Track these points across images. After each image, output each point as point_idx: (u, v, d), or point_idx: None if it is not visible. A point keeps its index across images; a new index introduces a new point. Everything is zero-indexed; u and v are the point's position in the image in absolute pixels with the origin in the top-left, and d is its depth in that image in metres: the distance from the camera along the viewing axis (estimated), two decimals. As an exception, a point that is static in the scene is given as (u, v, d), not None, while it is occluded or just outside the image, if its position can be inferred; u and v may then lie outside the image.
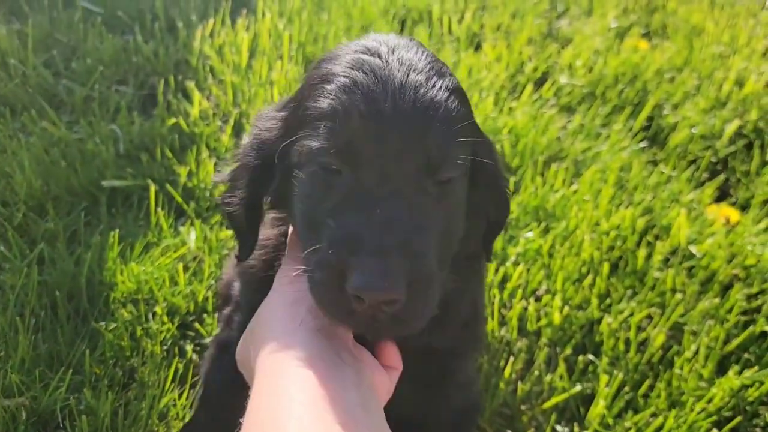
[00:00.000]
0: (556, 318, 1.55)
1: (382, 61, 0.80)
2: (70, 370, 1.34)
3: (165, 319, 1.47)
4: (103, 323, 1.43)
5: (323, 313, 0.77)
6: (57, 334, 1.41)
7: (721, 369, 1.53)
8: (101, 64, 2.19)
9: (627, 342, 1.53)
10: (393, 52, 0.81)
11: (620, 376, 1.44)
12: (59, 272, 1.52)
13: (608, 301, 1.62)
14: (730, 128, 2.18)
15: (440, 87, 0.79)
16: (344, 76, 0.79)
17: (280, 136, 0.88)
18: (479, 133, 0.90)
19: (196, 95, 2.05)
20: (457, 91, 0.82)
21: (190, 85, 2.12)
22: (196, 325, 1.50)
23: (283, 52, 2.30)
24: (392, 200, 0.74)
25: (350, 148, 0.76)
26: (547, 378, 1.47)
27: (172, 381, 1.38)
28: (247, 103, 2.07)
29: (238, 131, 2.01)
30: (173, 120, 1.99)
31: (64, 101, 2.09)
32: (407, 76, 0.78)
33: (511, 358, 1.48)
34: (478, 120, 2.05)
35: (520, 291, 1.61)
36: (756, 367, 1.50)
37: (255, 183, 0.89)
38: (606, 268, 1.63)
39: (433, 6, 2.72)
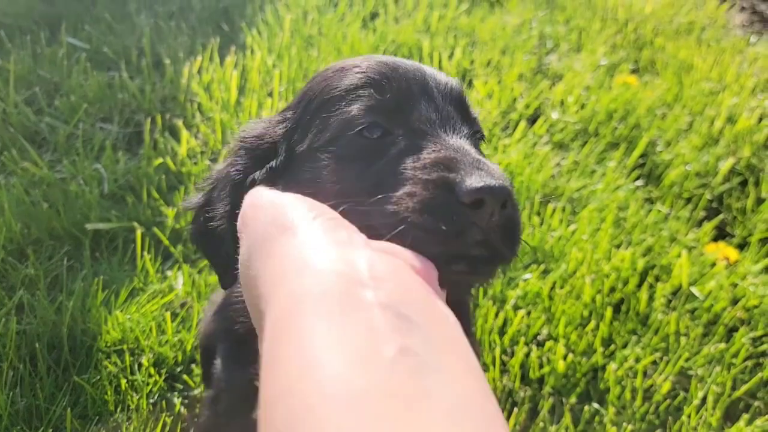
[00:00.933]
0: (560, 365, 1.49)
1: (401, 63, 0.79)
2: (51, 428, 1.26)
3: (152, 370, 1.39)
4: (85, 376, 1.36)
5: (434, 244, 0.64)
6: (36, 388, 1.33)
7: (729, 416, 1.49)
8: (85, 101, 2.14)
9: (633, 390, 1.48)
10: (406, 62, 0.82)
11: (629, 428, 1.38)
12: (39, 321, 1.45)
13: (612, 347, 1.57)
14: (725, 166, 2.17)
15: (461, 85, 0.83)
16: (367, 67, 0.78)
17: (284, 131, 0.82)
18: None
19: (184, 133, 2.00)
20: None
21: (178, 122, 2.07)
22: (185, 376, 1.42)
23: (273, 88, 2.26)
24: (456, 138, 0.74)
25: (399, 106, 0.75)
26: (553, 429, 1.41)
27: (159, 438, 1.31)
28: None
29: (227, 170, 1.95)
30: (160, 159, 1.93)
31: (47, 140, 2.02)
32: (431, 71, 0.81)
33: (515, 409, 1.42)
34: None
35: (521, 337, 1.55)
36: (767, 416, 1.46)
37: (240, 191, 0.79)
38: (609, 312, 1.59)
39: (423, 42, 2.71)
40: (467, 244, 0.65)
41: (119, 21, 2.60)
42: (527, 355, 1.53)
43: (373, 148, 0.73)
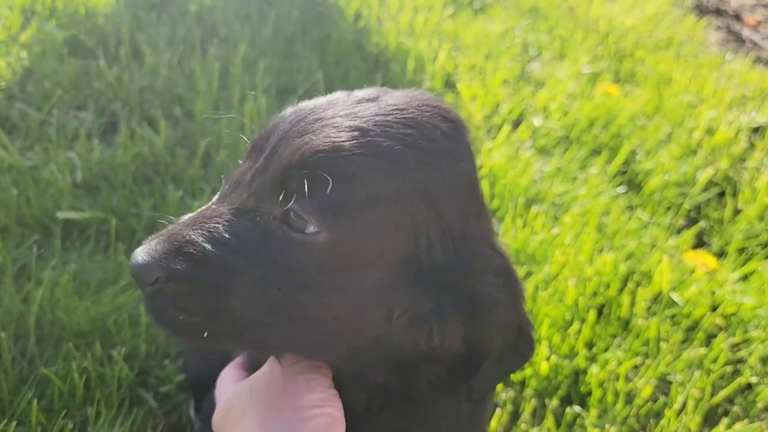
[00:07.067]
0: (543, 368, 1.48)
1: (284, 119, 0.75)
2: (14, 422, 1.20)
3: (123, 364, 1.33)
4: (53, 368, 1.29)
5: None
6: (0, 380, 1.27)
7: (708, 421, 1.49)
8: (60, 88, 2.07)
9: (615, 393, 1.47)
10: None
11: (611, 429, 1.37)
12: (5, 311, 1.38)
13: (594, 350, 1.56)
14: (703, 176, 2.19)
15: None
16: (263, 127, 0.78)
17: None
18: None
19: (162, 123, 1.95)
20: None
21: (156, 113, 2.01)
22: (157, 370, 1.37)
23: (256, 82, 2.22)
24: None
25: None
26: (534, 431, 1.39)
27: (129, 434, 1.25)
28: (217, 135, 1.97)
29: (206, 163, 1.90)
30: (137, 149, 1.87)
31: (17, 126, 1.95)
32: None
33: (497, 411, 1.40)
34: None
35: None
36: (746, 420, 1.46)
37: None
38: (592, 315, 1.58)
39: (407, 44, 2.70)
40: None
41: (98, 9, 2.54)
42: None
43: None
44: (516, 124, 2.37)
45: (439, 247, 0.68)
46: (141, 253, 0.67)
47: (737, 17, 3.88)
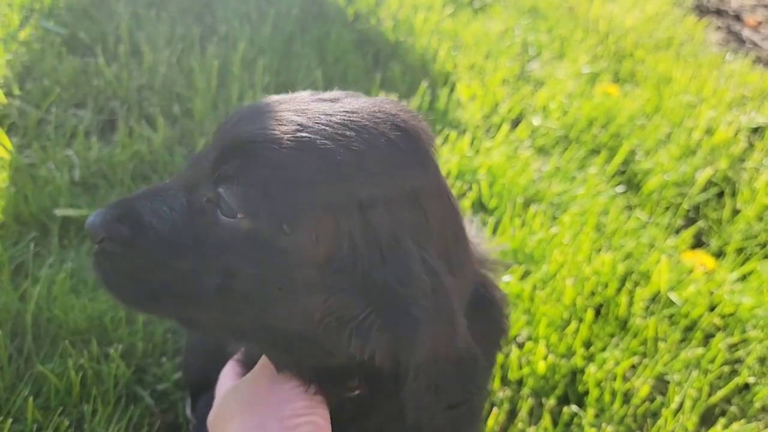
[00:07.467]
0: (540, 367, 1.47)
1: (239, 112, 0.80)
2: (10, 419, 1.20)
3: (120, 362, 1.33)
4: (49, 365, 1.29)
5: None
6: (-5, 378, 1.27)
7: (705, 421, 1.48)
8: (59, 86, 2.07)
9: (612, 392, 1.47)
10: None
11: (608, 429, 1.37)
12: (2, 307, 1.38)
13: (591, 349, 1.56)
14: (702, 176, 2.19)
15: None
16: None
17: None
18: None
19: (161, 122, 1.95)
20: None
21: (155, 111, 2.01)
22: (154, 368, 1.37)
23: (255, 80, 2.22)
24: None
25: None
26: (532, 430, 1.39)
27: (126, 431, 1.25)
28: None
29: (204, 161, 1.90)
30: (135, 147, 1.87)
31: (16, 124, 1.95)
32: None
33: (494, 409, 1.40)
34: (455, 159, 2.01)
35: (501, 337, 1.53)
36: (743, 420, 1.46)
37: None
38: (590, 314, 1.58)
39: (407, 43, 2.70)
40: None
41: (96, 7, 2.53)
42: (507, 355, 1.50)
43: None
44: (515, 123, 2.36)
45: (364, 255, 0.66)
46: (94, 215, 0.74)
47: (737, 17, 3.87)
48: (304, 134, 0.66)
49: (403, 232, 0.67)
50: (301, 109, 0.70)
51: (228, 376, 0.89)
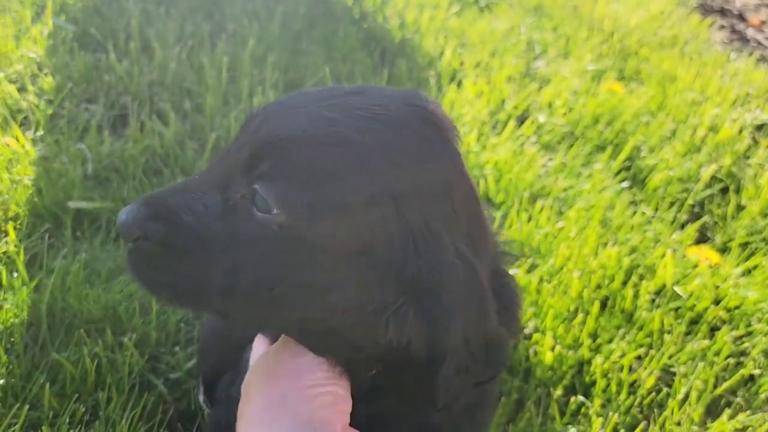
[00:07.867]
0: (547, 357, 1.49)
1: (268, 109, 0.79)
2: (27, 406, 1.22)
3: (134, 350, 1.35)
4: (65, 354, 1.32)
5: None
6: (13, 366, 1.29)
7: (711, 412, 1.50)
8: (71, 81, 2.09)
9: (618, 383, 1.49)
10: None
11: (615, 418, 1.39)
12: (17, 297, 1.40)
13: (598, 341, 1.58)
14: (707, 173, 2.21)
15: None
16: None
17: None
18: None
19: (172, 117, 1.97)
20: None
21: (166, 106, 2.04)
22: (167, 357, 1.39)
23: (264, 77, 2.24)
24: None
25: None
26: (539, 420, 1.40)
27: (140, 419, 1.27)
28: (226, 128, 1.99)
29: (215, 156, 1.93)
30: (146, 142, 1.89)
31: (29, 118, 1.97)
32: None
33: (502, 400, 1.42)
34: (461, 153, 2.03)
35: (509, 328, 1.55)
36: (748, 412, 1.47)
37: None
38: (596, 307, 1.59)
39: (414, 41, 2.72)
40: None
41: (107, 4, 2.56)
42: (514, 347, 1.52)
43: None
44: (521, 120, 2.38)
45: (399, 246, 0.68)
46: (126, 212, 0.72)
47: (741, 17, 3.89)
48: (335, 129, 0.68)
49: (435, 222, 0.69)
50: (330, 104, 0.71)
51: (260, 345, 0.90)
